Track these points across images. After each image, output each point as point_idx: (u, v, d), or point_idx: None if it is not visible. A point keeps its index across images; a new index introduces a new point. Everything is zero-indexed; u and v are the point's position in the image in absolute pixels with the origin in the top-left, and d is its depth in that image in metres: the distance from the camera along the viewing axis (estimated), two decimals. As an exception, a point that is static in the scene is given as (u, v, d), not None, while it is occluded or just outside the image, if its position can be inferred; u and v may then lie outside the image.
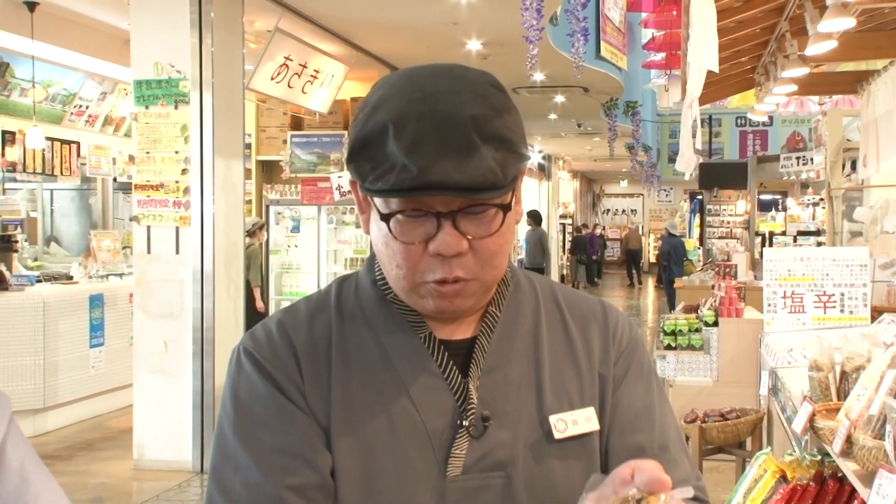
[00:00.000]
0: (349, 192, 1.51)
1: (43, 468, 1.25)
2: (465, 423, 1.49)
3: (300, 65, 11.05)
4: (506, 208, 1.44)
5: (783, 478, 3.32)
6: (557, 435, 1.52)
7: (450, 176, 1.35)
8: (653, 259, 33.85)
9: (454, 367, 1.52)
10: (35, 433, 9.49)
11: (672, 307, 15.23)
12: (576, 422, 1.54)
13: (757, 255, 12.55)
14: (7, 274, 9.90)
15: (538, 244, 18.34)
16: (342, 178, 11.87)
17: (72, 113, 13.00)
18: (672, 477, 1.45)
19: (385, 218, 1.43)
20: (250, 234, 12.23)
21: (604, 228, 36.85)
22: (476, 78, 1.46)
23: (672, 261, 17.25)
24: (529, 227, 19.06)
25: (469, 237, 1.43)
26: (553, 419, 1.53)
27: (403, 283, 1.49)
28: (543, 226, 28.60)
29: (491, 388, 1.52)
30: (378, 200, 1.44)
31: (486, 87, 1.45)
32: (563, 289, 1.71)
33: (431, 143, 1.36)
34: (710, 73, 4.77)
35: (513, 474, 1.49)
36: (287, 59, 10.77)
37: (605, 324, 1.65)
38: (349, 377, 1.52)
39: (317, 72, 11.57)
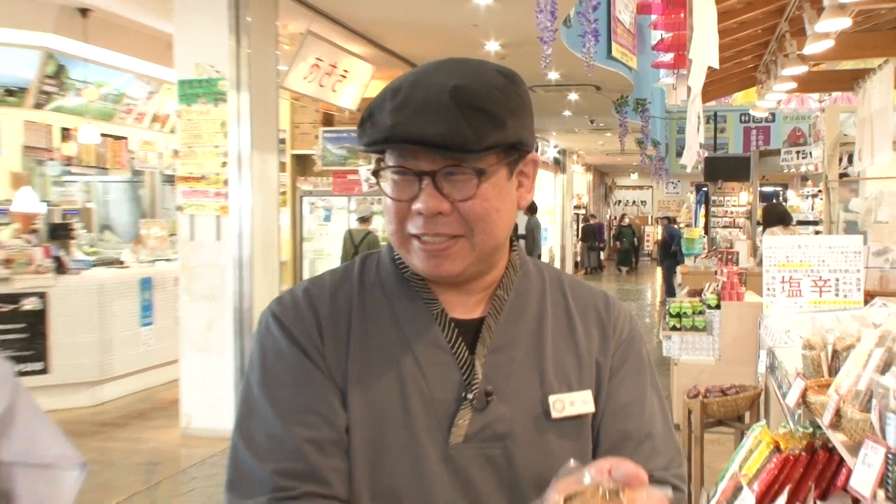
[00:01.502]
0: (377, 183, 1.54)
1: (50, 425, 1.28)
2: (469, 396, 1.50)
3: (330, 65, 11.08)
4: (480, 173, 1.44)
5: (777, 448, 3.30)
6: (555, 414, 1.53)
7: (418, 131, 1.39)
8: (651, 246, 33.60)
9: (462, 344, 1.53)
10: (94, 403, 9.69)
11: (671, 291, 15.19)
12: (573, 403, 1.55)
13: (758, 243, 12.49)
14: (66, 259, 10.01)
15: (530, 233, 18.15)
16: (370, 171, 11.90)
17: (121, 111, 13.09)
18: (654, 464, 1.56)
19: (374, 174, 1.49)
20: (365, 220, 12.31)
21: (622, 218, 35.89)
22: (482, 64, 1.51)
23: (679, 246, 17.27)
24: (526, 216, 18.77)
25: (450, 199, 1.44)
26: (552, 399, 1.54)
27: (395, 239, 1.52)
28: (558, 216, 28.55)
29: (495, 365, 1.53)
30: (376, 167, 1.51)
31: (488, 70, 1.49)
32: (570, 278, 1.71)
33: (413, 105, 1.41)
34: (714, 71, 4.76)
35: (511, 447, 1.50)
36: (318, 59, 10.80)
37: (607, 315, 1.65)
38: (366, 345, 1.53)
39: (346, 71, 11.59)
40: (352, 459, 1.49)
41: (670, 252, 18.05)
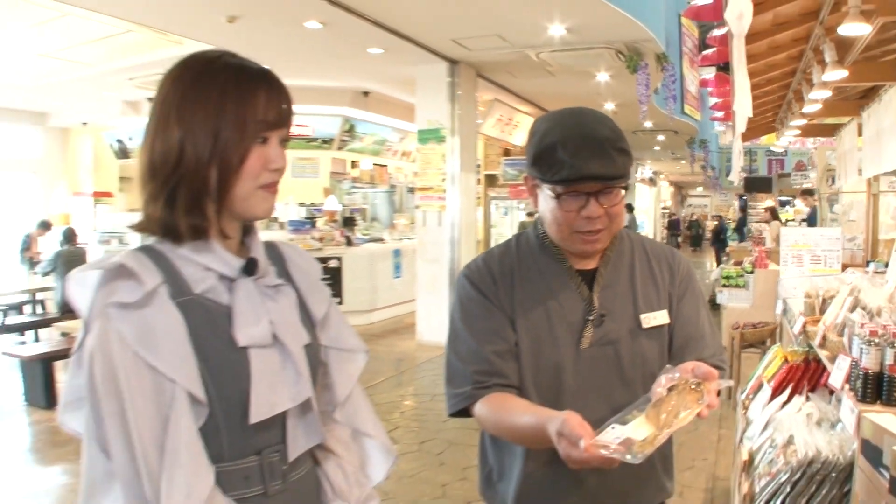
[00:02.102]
0: (557, 202, 1.54)
1: (349, 326, 1.34)
2: (591, 317, 1.49)
3: (508, 118, 11.12)
4: (625, 188, 1.45)
5: (786, 360, 3.21)
6: (645, 325, 1.52)
7: (598, 171, 1.37)
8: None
9: (584, 285, 1.52)
10: (367, 323, 9.90)
11: (720, 262, 14.61)
12: (655, 318, 1.53)
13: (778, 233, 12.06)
14: (352, 237, 10.40)
15: (629, 225, 17.51)
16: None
17: (384, 149, 13.41)
18: (705, 354, 1.53)
19: (556, 197, 1.43)
20: (531, 214, 12.41)
21: (692, 216, 34.27)
22: (599, 115, 1.46)
23: (725, 234, 16.71)
24: (627, 214, 17.91)
25: (605, 207, 1.43)
26: (642, 316, 1.52)
27: (561, 235, 1.48)
28: (651, 214, 27.62)
29: (605, 297, 1.52)
30: (547, 186, 1.44)
31: (605, 119, 1.45)
32: (647, 239, 1.67)
33: (586, 152, 1.38)
34: (749, 120, 4.69)
35: (619, 348, 1.49)
36: (501, 115, 10.85)
37: (673, 261, 1.61)
38: (524, 290, 1.52)
39: (518, 122, 11.59)
40: (520, 362, 1.49)
41: (720, 238, 17.36)
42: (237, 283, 1.14)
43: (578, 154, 1.38)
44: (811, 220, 11.01)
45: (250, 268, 1.16)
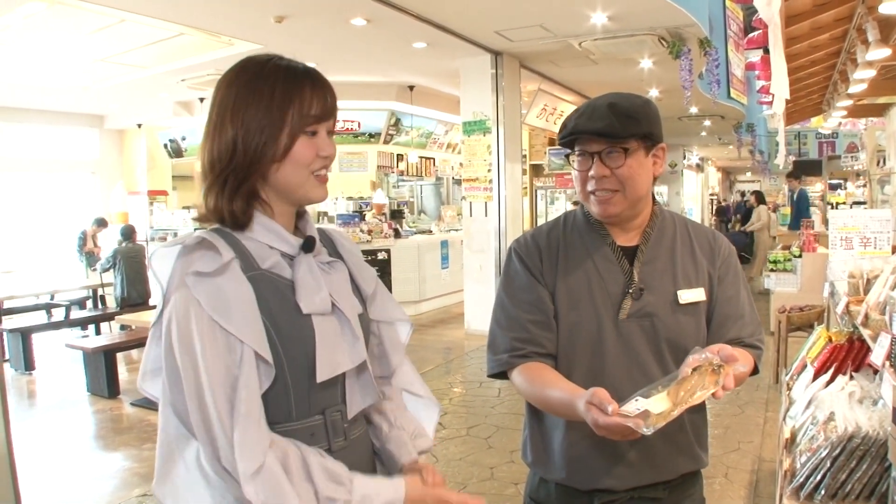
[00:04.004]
0: (569, 163, 1.64)
1: (394, 301, 1.45)
2: (630, 290, 1.54)
3: (553, 108, 11.07)
4: (626, 150, 1.49)
5: (829, 340, 3.22)
6: (682, 301, 1.55)
7: (590, 127, 1.47)
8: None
9: (625, 260, 1.57)
10: (416, 313, 9.97)
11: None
12: (692, 295, 1.56)
13: (827, 216, 11.77)
14: (400, 229, 10.49)
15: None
16: (565, 156, 11.83)
17: (430, 142, 13.40)
18: (743, 333, 1.58)
19: (566, 157, 1.56)
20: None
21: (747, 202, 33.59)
22: (629, 94, 1.54)
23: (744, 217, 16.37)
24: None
25: (609, 167, 1.49)
26: (680, 292, 1.55)
27: (583, 197, 1.56)
28: (698, 200, 27.15)
29: (645, 272, 1.56)
30: (565, 152, 1.58)
31: (630, 96, 1.53)
32: (690, 221, 1.70)
33: (587, 114, 1.49)
34: (793, 102, 4.64)
35: (655, 321, 1.53)
36: (545, 105, 10.81)
37: (714, 242, 1.64)
38: (568, 262, 1.59)
39: (562, 112, 11.54)
40: (559, 329, 1.55)
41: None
42: (297, 259, 1.25)
43: (581, 115, 1.49)
44: (798, 205, 10.84)
45: (309, 245, 1.26)
